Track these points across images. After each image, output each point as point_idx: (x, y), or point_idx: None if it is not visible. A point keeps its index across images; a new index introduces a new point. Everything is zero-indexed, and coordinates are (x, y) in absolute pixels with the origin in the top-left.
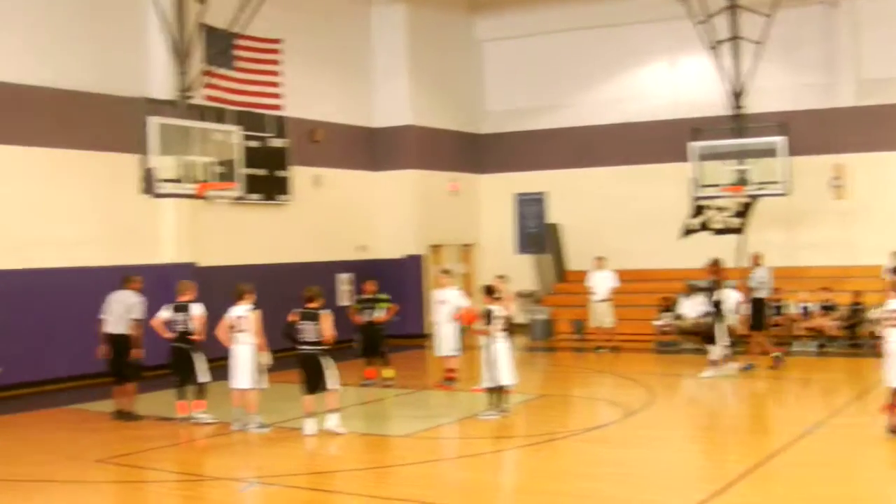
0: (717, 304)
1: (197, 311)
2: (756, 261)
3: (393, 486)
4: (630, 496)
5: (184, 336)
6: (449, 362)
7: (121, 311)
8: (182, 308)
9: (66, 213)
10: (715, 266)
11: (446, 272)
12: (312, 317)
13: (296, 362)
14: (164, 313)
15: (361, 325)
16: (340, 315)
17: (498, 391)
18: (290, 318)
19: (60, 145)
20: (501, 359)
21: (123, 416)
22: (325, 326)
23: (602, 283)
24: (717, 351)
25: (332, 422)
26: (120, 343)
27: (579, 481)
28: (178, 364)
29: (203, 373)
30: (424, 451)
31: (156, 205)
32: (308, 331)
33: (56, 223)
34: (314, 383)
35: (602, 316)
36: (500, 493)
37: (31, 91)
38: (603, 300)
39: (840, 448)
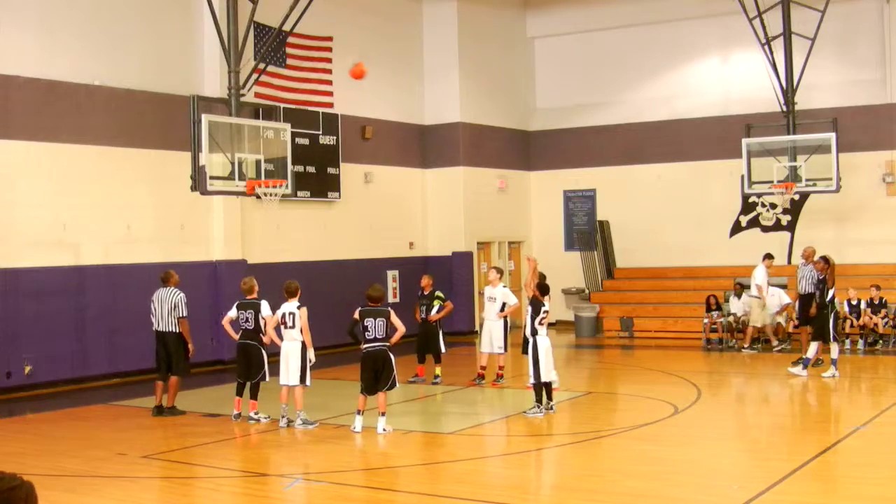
0: (827, 302)
1: (265, 310)
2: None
3: (439, 483)
4: (675, 495)
5: (251, 334)
6: (497, 360)
7: (167, 310)
8: (249, 306)
9: (118, 211)
10: (825, 263)
11: (496, 269)
12: (382, 314)
13: (362, 359)
14: (232, 312)
15: (418, 322)
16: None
17: (543, 388)
18: (355, 316)
19: (112, 143)
20: (543, 354)
21: (166, 411)
22: (399, 324)
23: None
24: (835, 349)
25: (381, 424)
26: (169, 341)
27: (624, 479)
28: (245, 362)
29: (266, 372)
30: (471, 448)
31: (206, 202)
32: (377, 328)
33: (107, 220)
34: (379, 381)
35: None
36: (545, 490)
37: (85, 89)
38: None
39: (887, 448)
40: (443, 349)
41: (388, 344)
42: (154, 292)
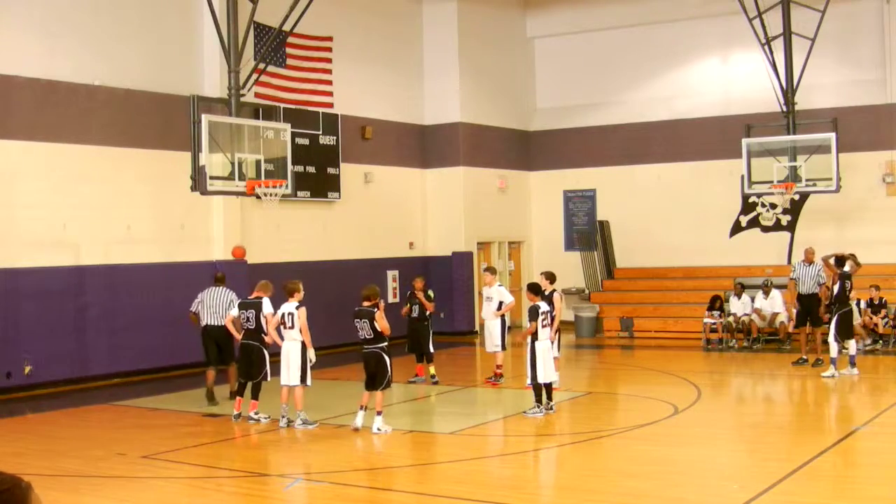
0: (841, 299)
1: (267, 307)
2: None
3: (438, 482)
4: (675, 495)
5: (252, 333)
6: (495, 359)
7: (222, 306)
8: (250, 305)
9: (118, 211)
10: (842, 260)
11: (490, 269)
12: (366, 315)
13: (362, 358)
14: (234, 311)
15: (404, 317)
16: (390, 312)
17: (543, 388)
18: None
19: (112, 143)
20: (541, 356)
21: (214, 398)
22: (381, 324)
23: None
24: (835, 349)
25: (377, 423)
26: (220, 334)
27: (624, 480)
28: (246, 361)
29: (268, 372)
30: (469, 449)
31: (206, 202)
32: (364, 329)
33: (107, 220)
34: (374, 380)
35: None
36: (544, 490)
37: (85, 89)
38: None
39: (887, 448)
40: (431, 349)
41: (380, 345)
42: (204, 289)
